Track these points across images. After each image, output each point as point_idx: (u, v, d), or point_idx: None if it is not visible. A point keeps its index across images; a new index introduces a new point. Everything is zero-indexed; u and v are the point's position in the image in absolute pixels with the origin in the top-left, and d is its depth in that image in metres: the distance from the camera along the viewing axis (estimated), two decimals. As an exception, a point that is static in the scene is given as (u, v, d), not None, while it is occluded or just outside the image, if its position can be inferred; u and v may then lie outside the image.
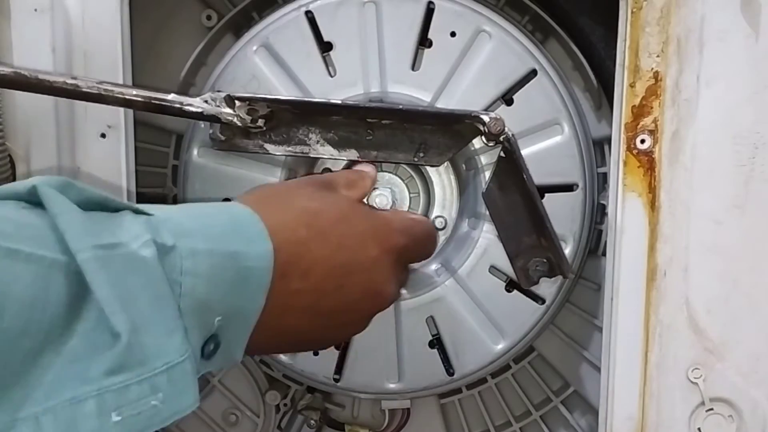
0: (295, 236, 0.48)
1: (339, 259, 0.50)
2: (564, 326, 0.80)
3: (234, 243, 0.43)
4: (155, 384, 0.36)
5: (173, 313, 0.38)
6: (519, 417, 0.84)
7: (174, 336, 0.37)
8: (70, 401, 0.34)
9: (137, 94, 0.60)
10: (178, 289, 0.39)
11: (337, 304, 0.51)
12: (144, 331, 0.36)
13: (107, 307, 0.35)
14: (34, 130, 0.63)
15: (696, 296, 0.62)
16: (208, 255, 0.40)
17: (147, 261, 0.37)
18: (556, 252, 0.68)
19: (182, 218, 0.42)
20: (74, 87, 0.58)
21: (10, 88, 0.59)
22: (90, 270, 0.35)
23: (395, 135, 0.66)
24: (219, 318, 0.41)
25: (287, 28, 0.69)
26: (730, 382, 0.63)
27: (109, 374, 0.34)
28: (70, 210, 0.37)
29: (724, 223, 0.61)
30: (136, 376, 0.35)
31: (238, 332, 0.44)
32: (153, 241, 0.38)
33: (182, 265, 0.39)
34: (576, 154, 0.70)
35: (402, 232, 0.57)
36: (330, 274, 0.50)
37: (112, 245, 0.36)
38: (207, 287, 0.40)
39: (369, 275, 0.53)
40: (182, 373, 0.37)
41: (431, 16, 0.69)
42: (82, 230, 0.36)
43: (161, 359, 0.36)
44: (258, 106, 0.63)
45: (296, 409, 0.85)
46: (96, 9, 0.63)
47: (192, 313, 0.39)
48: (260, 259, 0.44)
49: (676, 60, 0.60)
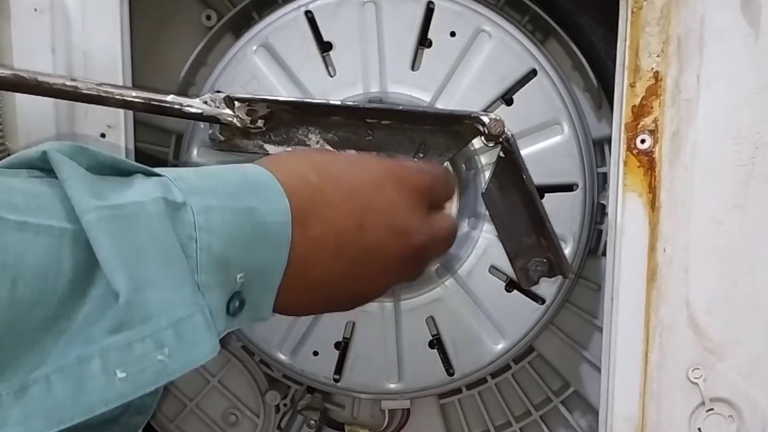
0: (308, 184, 0.47)
1: (356, 200, 0.49)
2: (564, 326, 0.80)
3: (249, 200, 0.42)
4: (160, 339, 0.36)
5: (181, 268, 0.38)
6: (519, 417, 0.84)
7: (182, 290, 0.37)
8: (77, 360, 0.34)
9: (137, 96, 0.60)
10: (193, 245, 0.39)
11: (362, 246, 0.49)
12: (147, 288, 0.36)
13: (106, 267, 0.35)
14: (34, 130, 0.63)
15: (696, 296, 0.62)
16: (221, 211, 0.40)
17: (153, 218, 0.37)
18: (556, 252, 0.68)
19: (194, 178, 0.42)
20: (74, 89, 0.58)
21: (9, 90, 0.60)
22: (93, 231, 0.35)
23: (395, 135, 0.66)
24: (241, 275, 0.41)
25: (287, 28, 0.69)
26: (731, 382, 0.63)
27: (112, 333, 0.35)
28: (78, 174, 0.37)
29: (725, 223, 0.61)
30: (137, 333, 0.35)
31: (263, 289, 0.43)
32: (162, 198, 0.38)
33: (195, 221, 0.39)
34: (576, 154, 0.70)
35: (419, 172, 0.54)
36: (349, 215, 0.48)
37: (117, 206, 0.36)
38: (223, 243, 0.40)
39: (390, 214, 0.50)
40: (192, 327, 0.37)
41: (431, 16, 0.69)
42: (89, 193, 0.36)
43: (166, 315, 0.36)
44: (257, 107, 0.63)
45: (296, 409, 0.85)
46: (96, 9, 0.63)
47: (211, 269, 0.39)
48: (277, 214, 0.43)
49: (676, 60, 0.60)
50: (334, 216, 0.47)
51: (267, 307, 0.44)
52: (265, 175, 0.45)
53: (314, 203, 0.46)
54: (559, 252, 0.68)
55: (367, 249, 0.49)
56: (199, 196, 0.40)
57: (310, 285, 0.47)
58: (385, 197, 0.50)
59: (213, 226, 0.40)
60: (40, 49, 0.62)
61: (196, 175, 0.42)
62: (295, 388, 0.85)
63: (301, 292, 0.47)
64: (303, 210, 0.45)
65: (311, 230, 0.46)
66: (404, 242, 0.51)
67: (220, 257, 0.40)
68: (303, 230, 0.45)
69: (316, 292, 0.49)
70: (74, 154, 0.38)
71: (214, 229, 0.39)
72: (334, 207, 0.47)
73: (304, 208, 0.45)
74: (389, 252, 0.51)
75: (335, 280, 0.49)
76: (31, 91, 0.58)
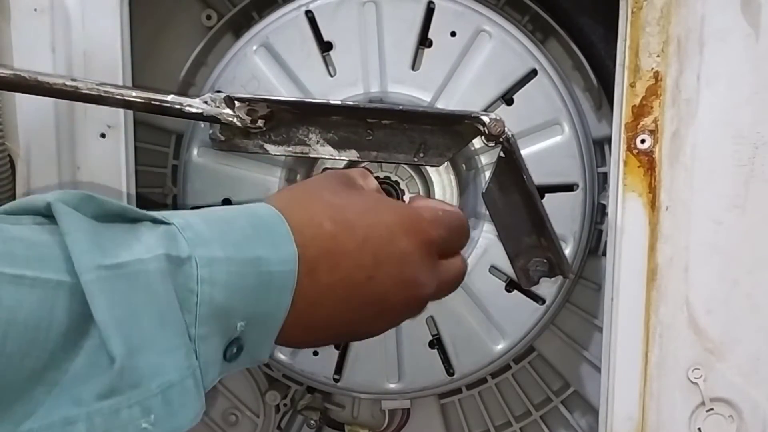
0: (322, 231, 0.47)
1: (368, 250, 0.49)
2: (564, 326, 0.80)
3: (256, 248, 0.42)
4: (147, 406, 0.36)
5: (177, 331, 0.38)
6: (519, 417, 0.84)
7: (175, 354, 0.38)
8: (63, 422, 0.34)
9: (137, 96, 0.60)
10: (194, 298, 0.39)
11: (369, 295, 0.49)
12: (140, 352, 0.36)
13: (104, 331, 0.35)
14: (34, 129, 0.63)
15: (696, 296, 0.62)
16: (227, 263, 0.40)
17: (154, 276, 0.37)
18: (556, 252, 0.68)
19: (201, 225, 0.42)
20: (74, 88, 0.58)
21: (9, 90, 0.59)
22: (91, 292, 0.35)
23: (395, 135, 0.65)
24: (242, 323, 0.41)
25: (287, 28, 0.69)
26: (731, 382, 0.63)
27: (101, 398, 0.35)
28: (80, 228, 0.37)
29: (725, 223, 0.61)
30: (126, 399, 0.35)
31: (263, 334, 0.44)
32: (166, 255, 0.38)
33: (198, 275, 0.39)
34: (576, 154, 0.70)
35: (432, 223, 0.54)
36: (359, 266, 0.48)
37: (117, 265, 0.37)
38: (226, 294, 0.40)
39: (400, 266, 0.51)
40: (181, 392, 0.38)
41: (431, 15, 0.69)
42: (90, 249, 0.36)
43: (156, 380, 0.36)
44: (258, 107, 0.63)
45: (296, 409, 0.85)
46: (96, 9, 0.63)
47: (211, 320, 0.39)
48: (284, 263, 0.43)
49: (676, 60, 0.60)
50: (345, 265, 0.47)
51: (266, 350, 0.45)
52: (277, 219, 0.45)
53: (326, 252, 0.46)
54: (559, 252, 0.68)
55: (374, 298, 0.50)
56: (205, 248, 0.40)
57: (312, 327, 0.48)
58: (397, 248, 0.50)
59: (216, 278, 0.40)
60: (40, 49, 0.62)
61: (205, 222, 0.42)
62: (295, 388, 0.85)
63: (302, 333, 0.47)
64: (314, 258, 0.45)
65: (321, 278, 0.46)
66: (411, 294, 0.52)
67: (222, 308, 0.40)
68: (312, 277, 0.45)
69: (318, 334, 0.49)
70: (80, 204, 0.38)
71: (217, 281, 0.40)
72: (346, 256, 0.47)
73: (315, 256, 0.45)
74: (395, 300, 0.51)
75: (338, 323, 0.49)
76: (31, 91, 0.58)
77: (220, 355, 0.41)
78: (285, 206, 0.46)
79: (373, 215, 0.51)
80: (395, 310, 0.53)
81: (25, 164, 0.64)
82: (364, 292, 0.49)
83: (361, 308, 0.50)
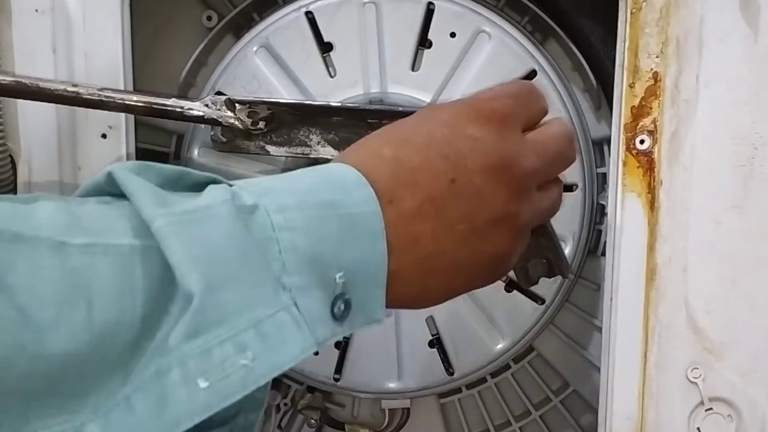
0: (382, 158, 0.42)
1: (434, 154, 0.43)
2: (563, 326, 0.80)
3: (328, 193, 0.39)
4: (241, 342, 0.34)
5: (259, 267, 0.35)
6: (518, 417, 0.84)
7: (261, 289, 0.35)
8: (156, 374, 0.33)
9: (138, 100, 0.60)
10: (275, 245, 0.36)
11: (462, 199, 0.42)
12: (222, 288, 0.34)
13: (178, 269, 0.33)
14: (35, 130, 0.63)
15: (695, 296, 0.62)
16: (300, 207, 0.37)
17: (225, 218, 0.35)
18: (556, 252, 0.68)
19: (265, 181, 0.39)
20: (75, 94, 0.58)
21: (11, 97, 0.60)
22: (162, 236, 0.33)
23: (395, 135, 0.66)
24: (340, 274, 0.38)
25: (287, 29, 0.69)
26: (730, 381, 0.63)
27: (188, 339, 0.33)
28: (145, 187, 0.36)
29: (724, 223, 0.62)
30: (215, 337, 0.33)
31: (369, 286, 0.39)
32: (231, 201, 0.36)
33: (272, 221, 0.36)
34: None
35: (492, 99, 0.46)
36: (435, 174, 0.42)
37: (186, 211, 0.35)
38: (309, 240, 0.37)
39: (477, 154, 0.43)
40: (276, 327, 0.35)
41: (431, 16, 0.69)
42: (157, 203, 0.35)
43: (245, 315, 0.34)
44: (258, 109, 0.63)
45: (296, 409, 0.85)
46: (97, 10, 0.63)
47: (302, 269, 0.36)
48: (363, 203, 0.39)
49: (675, 60, 0.60)
50: (421, 179, 0.42)
51: (378, 306, 0.40)
52: (342, 167, 0.41)
53: (396, 176, 0.41)
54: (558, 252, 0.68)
55: (469, 200, 0.43)
56: (272, 197, 0.37)
57: (421, 263, 0.42)
58: (464, 138, 0.43)
59: (293, 224, 0.37)
60: (41, 49, 0.62)
61: (268, 179, 0.40)
62: (295, 387, 0.85)
63: (415, 275, 0.42)
64: (387, 188, 0.41)
65: (403, 204, 0.41)
66: (505, 177, 0.44)
67: (311, 255, 0.37)
68: (394, 208, 0.41)
69: (433, 269, 0.43)
70: (140, 171, 0.37)
71: (295, 226, 0.37)
72: (417, 170, 0.42)
73: (387, 186, 0.41)
74: (494, 194, 0.44)
75: (447, 246, 0.43)
76: (32, 98, 0.58)
77: (327, 313, 0.38)
78: (344, 155, 0.43)
79: (427, 121, 0.45)
80: (502, 204, 0.44)
81: (26, 165, 0.64)
82: (454, 198, 0.42)
83: (464, 217, 0.43)
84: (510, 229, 0.45)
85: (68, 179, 0.64)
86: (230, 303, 0.34)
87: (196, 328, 0.33)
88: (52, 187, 0.64)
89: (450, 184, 0.42)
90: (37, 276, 0.31)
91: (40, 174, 0.64)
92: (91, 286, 0.32)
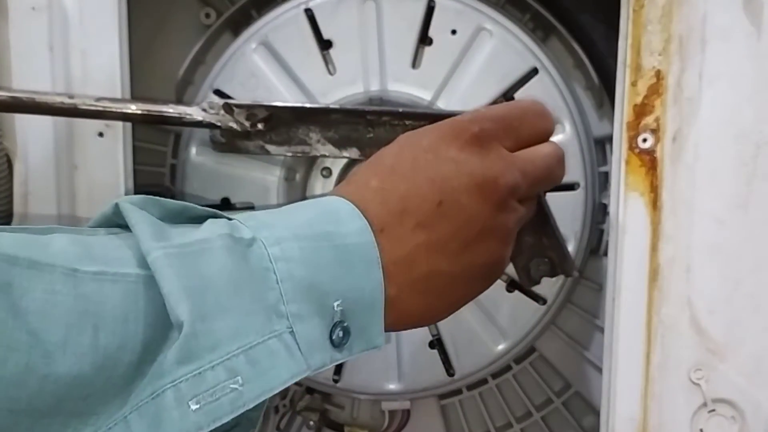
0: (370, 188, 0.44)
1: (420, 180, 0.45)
2: (565, 326, 0.80)
3: (321, 225, 0.41)
4: (231, 367, 0.36)
5: (251, 296, 0.37)
6: (520, 418, 0.84)
7: (252, 317, 0.37)
8: (152, 396, 0.35)
9: (136, 109, 0.61)
10: (272, 276, 0.38)
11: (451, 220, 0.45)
12: (214, 317, 0.36)
13: (171, 298, 0.35)
14: (32, 128, 0.63)
15: (698, 296, 0.62)
16: (295, 239, 0.40)
17: (221, 251, 0.38)
18: (560, 251, 0.67)
19: (262, 215, 0.42)
20: (72, 106, 0.59)
21: (8, 112, 0.60)
22: (158, 267, 0.36)
23: (395, 132, 0.65)
24: (338, 302, 0.40)
25: (287, 26, 0.69)
26: (733, 383, 0.63)
27: (181, 363, 0.35)
28: (146, 220, 0.38)
29: (727, 222, 0.61)
30: (207, 362, 0.35)
31: (368, 314, 0.41)
32: (229, 235, 0.38)
33: (269, 253, 0.39)
34: (577, 153, 0.70)
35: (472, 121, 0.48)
36: (422, 198, 0.44)
37: (183, 244, 0.37)
38: (306, 270, 0.39)
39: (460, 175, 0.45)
40: (267, 353, 0.37)
41: (432, 14, 0.68)
42: (156, 236, 0.37)
43: (236, 342, 0.36)
44: (257, 111, 0.63)
45: (295, 410, 0.85)
46: (93, 7, 0.63)
47: (299, 298, 0.38)
48: (357, 234, 0.42)
49: (678, 58, 0.60)
50: (409, 206, 0.44)
51: (377, 332, 0.42)
52: (335, 200, 0.43)
53: (385, 205, 0.44)
54: (562, 251, 0.67)
55: (458, 218, 0.45)
56: (269, 230, 0.40)
57: (420, 284, 0.44)
58: (449, 162, 0.45)
59: (290, 255, 0.39)
60: (38, 47, 0.62)
61: (265, 213, 0.42)
62: (294, 388, 0.85)
63: (415, 297, 0.44)
64: (378, 217, 0.43)
65: (395, 231, 0.43)
66: (489, 193, 0.46)
67: (309, 284, 0.39)
68: (386, 236, 0.43)
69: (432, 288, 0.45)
70: (145, 205, 0.40)
71: (291, 257, 0.39)
72: (405, 198, 0.44)
73: (378, 216, 0.43)
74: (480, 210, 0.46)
75: (443, 264, 0.45)
76: (30, 112, 0.59)
77: (326, 339, 0.40)
78: (337, 189, 0.46)
79: (410, 148, 0.47)
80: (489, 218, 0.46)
81: (22, 163, 0.63)
82: (443, 223, 0.45)
83: (454, 236, 0.45)
84: (498, 238, 0.47)
85: (64, 178, 0.64)
86: (222, 330, 0.36)
87: (188, 353, 0.35)
88: (48, 186, 0.63)
89: (438, 207, 0.45)
90: (50, 301, 0.33)
91: (37, 172, 0.64)
92: (100, 311, 0.34)
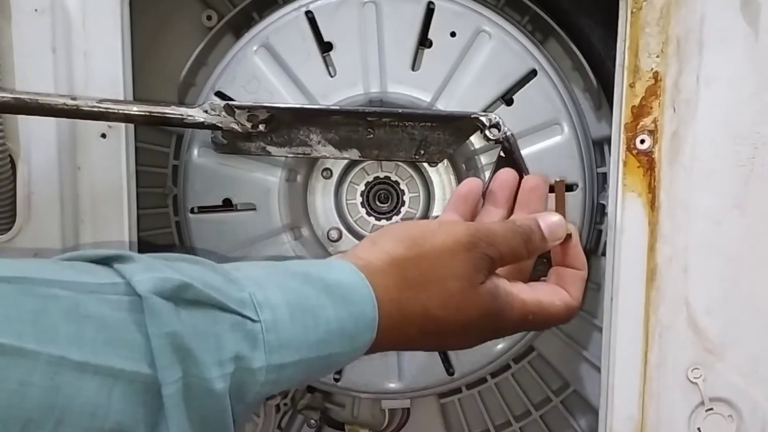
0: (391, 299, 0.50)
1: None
2: (564, 326, 0.80)
3: (333, 347, 0.46)
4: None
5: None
6: (519, 417, 0.84)
7: None
8: None
9: (138, 110, 0.61)
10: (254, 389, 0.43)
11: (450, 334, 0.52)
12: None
13: None
14: (35, 130, 0.63)
15: (696, 296, 0.62)
16: (295, 366, 0.44)
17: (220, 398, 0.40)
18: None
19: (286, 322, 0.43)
20: (75, 107, 0.59)
21: (11, 113, 0.60)
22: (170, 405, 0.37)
23: (396, 133, 0.66)
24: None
25: (287, 29, 0.69)
26: (730, 382, 0.63)
27: None
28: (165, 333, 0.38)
29: (724, 223, 0.61)
30: None
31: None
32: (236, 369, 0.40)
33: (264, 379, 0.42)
34: (576, 154, 0.70)
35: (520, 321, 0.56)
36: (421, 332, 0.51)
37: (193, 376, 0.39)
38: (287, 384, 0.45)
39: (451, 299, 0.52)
40: None
41: (431, 16, 0.69)
42: (173, 360, 0.38)
43: None
44: (258, 112, 0.64)
45: (296, 409, 0.85)
46: (96, 9, 0.63)
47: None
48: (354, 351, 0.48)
49: (675, 60, 0.60)
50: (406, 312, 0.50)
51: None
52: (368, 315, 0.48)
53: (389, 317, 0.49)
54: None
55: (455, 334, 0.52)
56: (280, 353, 0.43)
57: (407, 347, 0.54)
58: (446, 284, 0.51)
59: (282, 380, 0.43)
60: (41, 49, 0.62)
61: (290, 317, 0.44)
62: (295, 387, 0.85)
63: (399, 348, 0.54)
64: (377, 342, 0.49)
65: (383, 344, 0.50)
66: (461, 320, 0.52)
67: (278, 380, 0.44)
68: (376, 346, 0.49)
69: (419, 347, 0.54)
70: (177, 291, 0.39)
71: (281, 381, 0.43)
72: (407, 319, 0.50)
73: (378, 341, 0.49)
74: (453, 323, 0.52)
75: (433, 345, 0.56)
76: (32, 113, 0.59)
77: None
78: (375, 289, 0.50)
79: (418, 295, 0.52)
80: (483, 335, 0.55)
81: (26, 165, 0.64)
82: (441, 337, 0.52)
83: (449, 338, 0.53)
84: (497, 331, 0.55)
85: (67, 179, 0.64)
86: None
87: None
88: (51, 187, 0.64)
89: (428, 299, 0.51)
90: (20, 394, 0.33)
91: (40, 173, 0.64)
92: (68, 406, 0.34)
